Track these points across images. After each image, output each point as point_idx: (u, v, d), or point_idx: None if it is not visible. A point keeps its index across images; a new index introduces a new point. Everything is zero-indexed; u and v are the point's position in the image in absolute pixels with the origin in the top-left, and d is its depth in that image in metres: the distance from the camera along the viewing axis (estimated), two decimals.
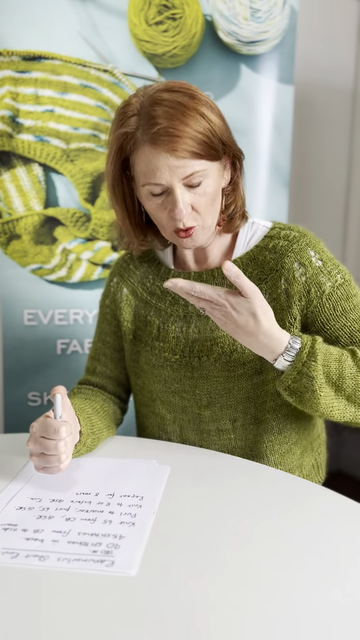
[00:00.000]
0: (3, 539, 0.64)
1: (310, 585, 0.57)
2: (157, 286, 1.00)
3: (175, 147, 0.80)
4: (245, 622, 0.51)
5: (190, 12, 1.58)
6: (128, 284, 1.04)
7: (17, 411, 1.65)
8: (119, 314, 1.04)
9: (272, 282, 0.91)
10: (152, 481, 0.78)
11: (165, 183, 0.82)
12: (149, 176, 0.83)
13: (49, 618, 0.52)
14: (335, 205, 2.34)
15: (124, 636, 0.50)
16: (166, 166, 0.81)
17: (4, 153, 1.55)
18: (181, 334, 0.95)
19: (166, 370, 0.96)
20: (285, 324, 0.90)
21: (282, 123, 1.71)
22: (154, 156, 0.81)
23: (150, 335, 0.98)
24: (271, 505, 0.73)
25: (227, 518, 0.69)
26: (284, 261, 0.90)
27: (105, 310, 1.07)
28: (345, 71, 2.25)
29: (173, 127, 0.80)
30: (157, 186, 0.83)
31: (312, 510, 0.73)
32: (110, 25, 1.55)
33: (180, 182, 0.83)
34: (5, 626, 0.51)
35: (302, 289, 0.89)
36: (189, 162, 0.81)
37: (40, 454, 0.75)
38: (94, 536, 0.65)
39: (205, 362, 0.92)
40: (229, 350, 0.91)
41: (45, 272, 1.62)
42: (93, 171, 1.60)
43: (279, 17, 1.63)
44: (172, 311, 0.97)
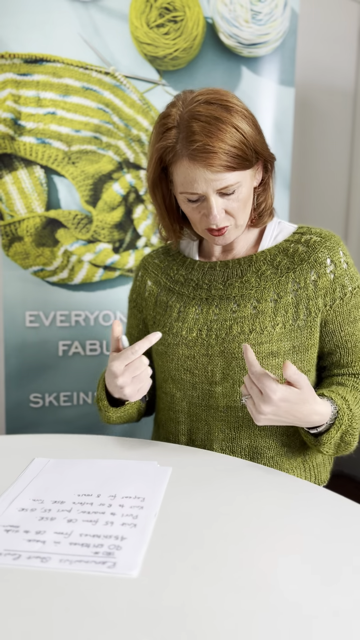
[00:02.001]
0: (5, 541, 0.64)
1: (312, 586, 0.57)
2: (181, 275, 1.06)
3: (211, 163, 0.86)
4: (247, 624, 0.52)
5: (192, 15, 1.58)
6: (152, 276, 1.10)
7: (19, 412, 1.66)
8: (144, 305, 1.10)
9: (300, 272, 0.96)
10: (153, 482, 0.79)
11: (201, 192, 0.89)
12: (187, 187, 0.90)
13: (50, 619, 0.52)
14: (336, 206, 2.34)
15: (125, 637, 0.50)
16: (203, 179, 0.88)
17: (5, 155, 1.56)
18: (201, 314, 1.00)
19: (180, 348, 0.99)
20: (311, 312, 0.95)
21: (283, 125, 1.71)
22: (192, 170, 0.88)
23: (170, 318, 1.02)
24: (272, 507, 0.73)
25: (228, 519, 0.69)
26: (317, 255, 0.96)
27: (132, 305, 1.14)
28: (345, 73, 2.25)
29: (210, 144, 0.85)
30: (193, 195, 0.90)
31: (313, 511, 0.73)
32: (111, 28, 1.55)
33: (214, 192, 0.89)
34: (7, 627, 0.51)
35: (329, 285, 0.95)
36: (224, 175, 0.87)
37: (131, 380, 0.87)
38: (95, 537, 0.65)
39: (222, 340, 0.96)
40: (248, 330, 0.95)
41: (46, 274, 1.63)
42: (94, 173, 1.61)
43: (279, 20, 1.63)
44: (195, 295, 1.02)
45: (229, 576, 0.58)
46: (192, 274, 1.05)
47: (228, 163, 0.87)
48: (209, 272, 1.03)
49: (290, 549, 0.63)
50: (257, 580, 0.58)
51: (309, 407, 0.83)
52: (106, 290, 1.68)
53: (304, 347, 0.95)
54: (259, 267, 0.99)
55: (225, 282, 1.00)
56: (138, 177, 1.64)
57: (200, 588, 0.56)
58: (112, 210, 1.63)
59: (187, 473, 0.83)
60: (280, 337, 0.94)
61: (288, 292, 0.95)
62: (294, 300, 0.95)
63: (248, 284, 0.98)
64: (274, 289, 0.96)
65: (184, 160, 0.88)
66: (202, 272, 1.04)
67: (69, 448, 0.92)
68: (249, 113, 0.91)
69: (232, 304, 0.98)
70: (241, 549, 0.63)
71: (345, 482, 1.24)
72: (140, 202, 1.66)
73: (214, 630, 0.51)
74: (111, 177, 1.62)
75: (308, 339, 0.95)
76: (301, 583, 0.57)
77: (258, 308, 0.95)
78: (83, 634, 0.50)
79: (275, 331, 0.94)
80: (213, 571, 0.59)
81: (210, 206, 0.89)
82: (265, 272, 0.98)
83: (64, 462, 0.86)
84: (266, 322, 0.94)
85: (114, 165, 1.62)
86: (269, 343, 0.93)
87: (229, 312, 0.97)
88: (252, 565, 0.60)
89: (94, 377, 1.70)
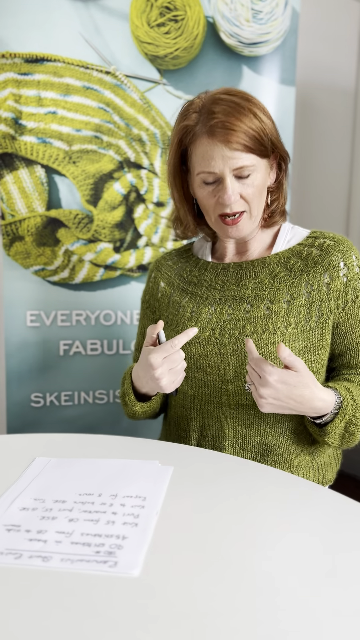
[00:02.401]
0: (6, 540, 0.64)
1: (312, 586, 0.57)
2: (194, 276, 1.07)
3: (229, 139, 0.89)
4: (249, 623, 0.51)
5: (192, 14, 1.58)
6: (165, 277, 1.11)
7: (20, 412, 1.66)
8: (157, 306, 1.12)
9: (313, 275, 0.97)
10: (155, 482, 0.78)
11: (217, 172, 0.91)
12: (204, 165, 0.92)
13: (51, 619, 0.52)
14: (337, 206, 2.34)
15: (126, 637, 0.50)
16: (220, 156, 0.90)
17: (6, 155, 1.56)
18: (214, 314, 1.01)
19: (193, 347, 1.00)
20: (323, 314, 0.96)
21: (283, 124, 1.71)
22: (210, 146, 0.90)
23: (183, 317, 1.04)
24: (274, 506, 0.73)
25: (230, 519, 0.69)
26: (331, 258, 0.97)
27: (145, 306, 1.16)
28: (346, 72, 2.25)
29: (229, 122, 0.89)
30: (210, 174, 0.92)
31: (315, 511, 0.73)
32: (112, 27, 1.55)
33: (231, 172, 0.91)
34: (9, 627, 0.51)
35: (341, 288, 0.97)
36: (241, 154, 0.90)
37: (168, 372, 0.90)
38: (97, 537, 0.65)
39: (236, 340, 0.97)
40: (261, 329, 0.96)
41: (47, 274, 1.63)
42: (95, 173, 1.61)
43: (280, 19, 1.63)
44: (208, 295, 1.03)
45: (231, 576, 0.58)
46: (205, 275, 1.06)
47: (245, 142, 0.89)
48: (222, 273, 1.04)
49: (292, 548, 0.63)
50: (258, 579, 0.58)
51: (309, 392, 0.85)
52: (107, 290, 1.68)
53: (314, 348, 0.97)
54: (273, 269, 1.00)
55: (239, 283, 1.01)
56: (139, 176, 1.64)
57: (201, 587, 0.56)
58: (113, 209, 1.63)
59: (189, 472, 0.83)
60: (292, 337, 0.95)
61: (301, 294, 0.96)
62: (306, 302, 0.96)
63: (262, 285, 0.99)
64: (287, 290, 0.97)
65: (203, 137, 0.91)
66: (215, 273, 1.05)
67: (70, 447, 0.92)
68: (267, 111, 0.95)
69: (246, 304, 0.99)
70: (243, 548, 0.63)
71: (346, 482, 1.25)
72: (141, 202, 1.66)
73: (216, 629, 0.51)
74: (112, 176, 1.62)
75: (319, 340, 0.97)
76: (303, 583, 0.57)
77: (271, 309, 0.96)
78: (84, 633, 0.50)
79: (288, 331, 0.95)
80: (214, 571, 0.59)
81: (225, 187, 0.91)
82: (279, 274, 0.99)
83: (65, 461, 0.86)
84: (279, 323, 0.95)
85: (114, 164, 1.62)
86: (282, 342, 0.94)
87: (242, 312, 0.98)
88: (253, 565, 0.60)
89: (95, 377, 1.70)
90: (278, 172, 1.00)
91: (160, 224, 1.67)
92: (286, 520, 0.69)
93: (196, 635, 0.50)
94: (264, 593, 0.55)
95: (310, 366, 0.97)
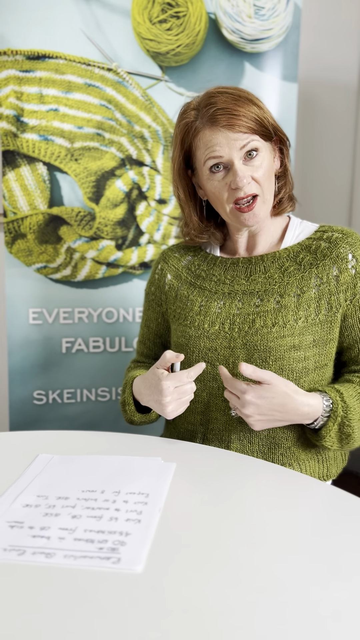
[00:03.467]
0: (10, 536, 0.65)
1: (315, 583, 0.57)
2: (202, 270, 1.07)
3: (232, 122, 0.91)
4: (252, 620, 0.52)
5: (194, 10, 1.58)
6: (172, 270, 1.11)
7: (23, 409, 1.66)
8: (163, 299, 1.11)
9: (322, 268, 0.97)
10: (157, 478, 0.79)
11: (224, 155, 0.92)
12: (210, 152, 0.93)
13: (55, 615, 0.52)
14: (339, 201, 2.33)
15: (129, 633, 0.50)
16: (225, 140, 0.92)
17: (8, 152, 1.56)
18: (223, 308, 1.01)
19: (202, 341, 1.00)
20: (332, 307, 0.96)
21: (286, 120, 1.71)
22: (214, 133, 0.92)
23: (191, 312, 1.04)
24: (276, 503, 0.73)
25: (232, 515, 0.69)
26: (339, 250, 0.97)
27: (150, 298, 1.15)
28: (349, 68, 2.24)
29: (229, 108, 0.91)
30: (217, 159, 0.93)
31: (318, 507, 0.73)
32: (113, 23, 1.55)
33: (238, 153, 0.92)
34: (12, 622, 0.51)
35: (350, 280, 0.96)
36: (245, 135, 0.92)
37: (176, 401, 0.90)
38: (100, 533, 0.65)
39: (245, 333, 0.97)
40: (271, 323, 0.96)
41: (50, 271, 1.63)
42: (97, 170, 1.61)
43: (282, 15, 1.63)
44: (217, 289, 1.03)
45: (233, 571, 0.58)
46: (214, 270, 1.06)
47: (248, 124, 0.91)
48: (232, 267, 1.04)
49: (294, 544, 0.63)
50: (261, 575, 0.58)
51: (290, 400, 0.87)
52: (109, 287, 1.68)
53: (323, 341, 0.97)
54: (282, 264, 1.00)
55: (249, 278, 1.02)
56: (141, 173, 1.64)
57: (204, 583, 0.56)
58: (115, 207, 1.63)
59: (191, 469, 0.83)
60: (302, 330, 0.95)
61: (311, 287, 0.97)
62: (316, 295, 0.96)
63: (272, 280, 1.00)
64: (297, 284, 0.98)
65: (205, 129, 0.93)
66: (224, 268, 1.05)
67: (72, 444, 0.92)
68: (264, 105, 0.98)
69: (256, 298, 0.99)
70: (245, 544, 0.63)
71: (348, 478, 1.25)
72: (143, 199, 1.65)
73: (218, 625, 0.51)
74: (114, 173, 1.62)
75: (328, 333, 0.97)
76: (306, 579, 0.57)
77: (281, 302, 0.97)
78: (87, 629, 0.50)
79: (298, 325, 0.95)
80: (217, 566, 0.59)
81: (235, 169, 0.92)
82: (289, 269, 0.99)
83: (67, 458, 0.86)
84: (289, 316, 0.95)
85: (116, 161, 1.62)
86: (291, 336, 0.95)
87: (252, 306, 0.99)
88: (256, 561, 0.60)
89: (98, 374, 1.70)
90: (281, 158, 1.02)
91: (162, 221, 1.67)
92: (289, 516, 0.69)
93: (199, 631, 0.50)
94: (267, 590, 0.56)
95: (318, 359, 0.97)
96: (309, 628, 0.50)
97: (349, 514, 0.71)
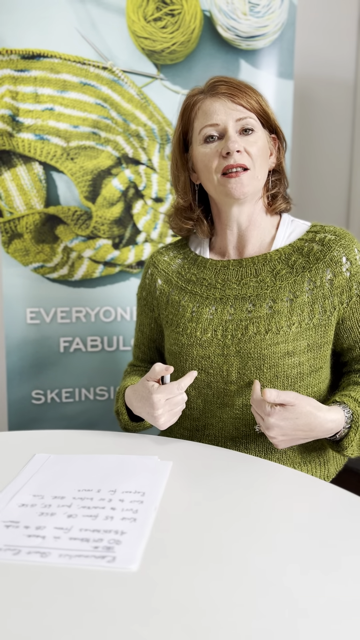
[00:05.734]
0: (5, 536, 0.65)
1: (314, 581, 0.57)
2: (192, 274, 1.06)
3: (233, 93, 0.94)
4: (248, 618, 0.52)
5: (189, 8, 1.57)
6: (162, 275, 1.09)
7: (21, 409, 1.66)
8: (155, 304, 1.10)
9: (315, 271, 0.96)
10: (153, 477, 0.79)
11: (220, 123, 0.94)
12: (207, 119, 0.95)
13: (50, 614, 0.52)
14: (336, 199, 2.33)
15: (125, 631, 0.50)
16: (223, 109, 0.94)
17: (4, 152, 1.56)
18: (215, 314, 0.99)
19: (195, 349, 0.99)
20: (326, 311, 0.95)
21: (282, 118, 1.70)
22: (213, 101, 0.95)
23: (183, 318, 1.02)
24: (274, 501, 0.73)
25: (229, 514, 0.69)
26: (332, 254, 0.96)
27: (142, 303, 1.14)
28: (345, 65, 2.24)
29: (231, 83, 0.96)
30: (213, 127, 0.95)
31: (316, 506, 0.73)
32: (108, 22, 1.55)
33: (234, 124, 0.94)
34: (8, 622, 0.51)
35: (345, 283, 0.95)
36: (244, 109, 0.94)
37: (168, 412, 0.90)
38: (95, 532, 0.65)
39: (238, 341, 0.96)
40: (264, 330, 0.95)
41: (47, 271, 1.62)
42: (93, 169, 1.60)
43: (278, 11, 1.62)
44: (208, 294, 1.02)
45: (229, 570, 0.58)
46: (204, 273, 1.04)
47: (248, 100, 0.94)
48: (222, 271, 1.02)
49: (291, 542, 0.63)
50: (257, 574, 0.58)
51: (314, 418, 0.85)
52: (106, 286, 1.68)
53: (317, 345, 0.96)
54: (274, 267, 0.99)
55: (240, 282, 1.00)
56: (137, 172, 1.64)
57: (200, 582, 0.56)
58: (112, 205, 1.63)
59: (188, 467, 0.83)
60: (296, 336, 0.94)
61: (304, 291, 0.95)
62: (309, 299, 0.95)
63: (263, 284, 0.98)
64: (290, 288, 0.96)
65: (206, 100, 0.96)
66: (214, 271, 1.03)
67: (69, 443, 0.92)
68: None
69: (248, 303, 0.97)
70: (242, 543, 0.63)
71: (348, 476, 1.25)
72: (140, 198, 1.65)
73: (214, 624, 0.51)
74: (110, 172, 1.62)
75: (322, 337, 0.96)
76: (303, 578, 0.57)
77: (274, 308, 0.95)
78: (83, 628, 0.50)
79: (292, 331, 0.94)
80: (213, 565, 0.59)
81: (228, 135, 0.93)
82: (281, 272, 0.98)
83: (64, 457, 0.86)
84: (282, 322, 0.94)
85: (112, 160, 1.61)
86: (285, 343, 0.93)
87: (244, 312, 0.97)
88: (252, 560, 0.60)
89: (96, 373, 1.70)
90: (278, 157, 1.02)
91: (159, 219, 1.67)
92: (286, 515, 0.69)
93: (194, 630, 0.50)
94: (263, 588, 0.55)
95: (313, 363, 0.96)
96: (308, 628, 0.50)
97: (349, 512, 0.71)
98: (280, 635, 0.49)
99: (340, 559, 0.60)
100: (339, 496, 0.74)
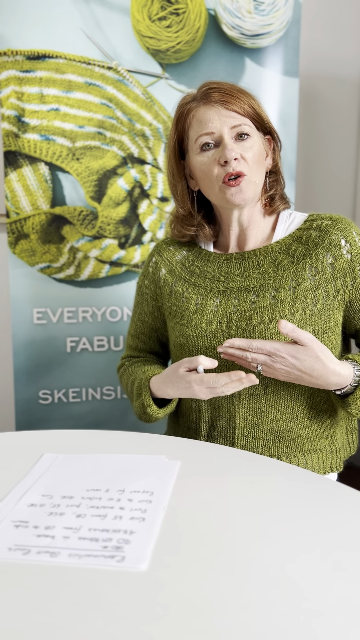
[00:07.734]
0: (15, 536, 0.65)
1: (323, 580, 0.56)
2: (196, 266, 1.07)
3: (226, 100, 0.94)
4: (257, 618, 0.51)
5: (194, 7, 1.57)
6: (166, 264, 1.10)
7: (28, 409, 1.67)
8: (158, 293, 1.10)
9: (316, 257, 0.97)
10: (162, 476, 0.79)
11: (215, 131, 0.94)
12: (202, 128, 0.95)
13: (59, 613, 0.52)
14: (342, 197, 2.32)
15: (134, 631, 0.50)
16: (217, 117, 0.94)
17: (10, 153, 1.56)
18: (219, 306, 1.00)
19: (200, 340, 1.00)
20: (329, 295, 0.96)
21: (287, 116, 1.70)
22: (207, 110, 0.95)
23: (187, 310, 1.03)
24: (282, 500, 0.73)
25: (237, 513, 0.69)
26: (331, 238, 0.97)
27: (144, 291, 1.13)
28: (351, 62, 2.23)
29: (225, 88, 0.96)
30: (208, 136, 0.95)
31: (325, 504, 0.72)
32: (113, 22, 1.55)
33: (229, 131, 0.94)
34: (18, 621, 0.51)
35: (347, 265, 0.96)
36: (237, 115, 0.95)
37: (207, 390, 0.90)
38: (104, 532, 0.65)
39: (243, 331, 0.97)
40: (268, 319, 0.96)
41: (53, 271, 1.63)
42: (99, 169, 1.61)
43: (282, 9, 1.62)
44: (212, 287, 1.03)
45: (238, 569, 0.58)
46: (208, 266, 1.05)
47: (242, 106, 0.94)
48: (225, 264, 1.04)
49: (300, 541, 0.63)
50: (267, 573, 0.57)
51: (320, 366, 0.86)
52: (113, 286, 1.68)
53: (322, 330, 0.97)
54: (276, 257, 1.00)
55: (243, 274, 1.01)
56: (142, 172, 1.64)
57: (209, 581, 0.56)
58: (117, 205, 1.63)
59: (196, 467, 0.83)
60: (300, 323, 0.95)
61: (306, 278, 0.96)
62: (312, 285, 0.96)
63: (266, 275, 0.99)
64: (292, 276, 0.97)
65: (200, 107, 0.97)
66: (218, 264, 1.04)
67: (77, 443, 0.92)
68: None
69: (251, 294, 0.99)
70: (250, 541, 0.63)
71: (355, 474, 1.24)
72: (145, 197, 1.65)
73: (223, 624, 0.51)
74: (116, 172, 1.62)
75: (327, 322, 0.97)
76: (313, 575, 0.57)
77: (277, 297, 0.96)
78: (92, 627, 0.50)
79: (295, 318, 0.95)
80: (222, 564, 0.59)
81: (225, 143, 0.93)
82: (282, 262, 0.99)
83: (72, 457, 0.86)
84: (285, 310, 0.95)
85: (118, 160, 1.61)
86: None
87: (248, 303, 0.98)
88: (261, 558, 0.60)
89: (102, 373, 1.70)
90: (274, 157, 1.03)
91: (164, 219, 1.67)
92: (295, 514, 0.69)
93: (204, 629, 0.50)
94: (273, 587, 0.55)
95: None
96: (318, 627, 0.50)
97: (356, 510, 0.70)
98: (295, 634, 0.49)
99: (351, 555, 0.60)
100: (347, 495, 0.74)
